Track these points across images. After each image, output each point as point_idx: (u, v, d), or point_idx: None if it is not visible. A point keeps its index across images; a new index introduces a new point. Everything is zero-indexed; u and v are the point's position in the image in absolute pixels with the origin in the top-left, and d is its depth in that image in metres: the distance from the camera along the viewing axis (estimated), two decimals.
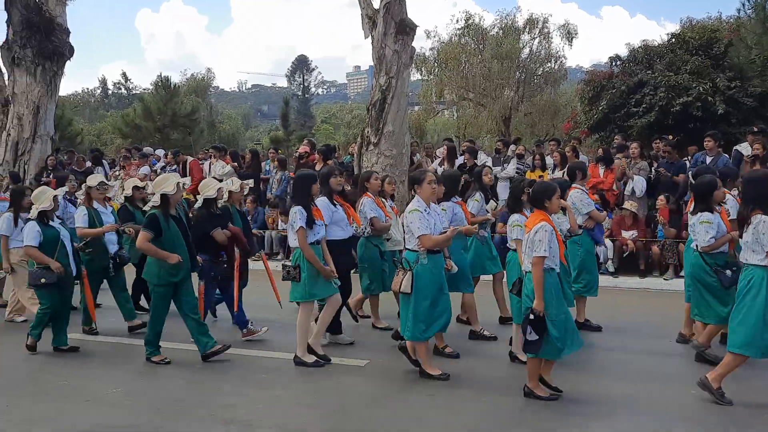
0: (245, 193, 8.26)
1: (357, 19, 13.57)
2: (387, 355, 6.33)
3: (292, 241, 5.97)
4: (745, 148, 10.76)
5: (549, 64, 29.11)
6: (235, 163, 14.16)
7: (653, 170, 11.28)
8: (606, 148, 13.13)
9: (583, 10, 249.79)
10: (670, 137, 12.17)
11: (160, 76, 32.20)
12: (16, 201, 7.69)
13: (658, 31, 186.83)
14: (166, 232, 5.96)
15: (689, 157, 11.56)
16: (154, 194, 6.36)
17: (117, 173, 15.42)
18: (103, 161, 16.40)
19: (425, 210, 5.53)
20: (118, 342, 7.11)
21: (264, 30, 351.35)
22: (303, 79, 74.84)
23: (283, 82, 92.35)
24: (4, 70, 16.64)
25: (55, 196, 6.71)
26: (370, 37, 13.30)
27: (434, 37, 29.92)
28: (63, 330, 6.73)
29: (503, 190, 12.15)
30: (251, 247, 7.77)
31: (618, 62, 18.86)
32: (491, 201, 7.75)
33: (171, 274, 5.99)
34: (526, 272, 5.01)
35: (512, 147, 13.37)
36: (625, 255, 10.66)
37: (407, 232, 5.65)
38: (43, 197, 6.59)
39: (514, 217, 5.97)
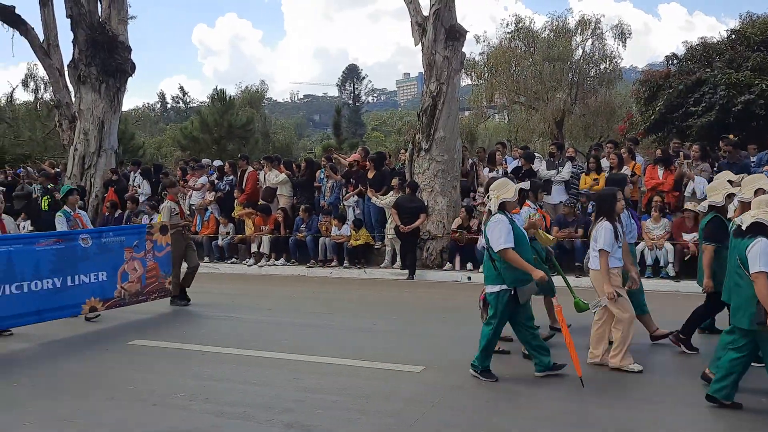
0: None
1: (407, 27, 13.66)
2: (443, 361, 6.35)
3: None
4: None
5: (603, 65, 28.57)
6: (289, 171, 14.45)
7: (714, 171, 10.96)
8: (665, 148, 12.82)
9: (639, 9, 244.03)
10: (731, 137, 11.78)
11: (216, 89, 33.25)
12: (610, 209, 5.93)
13: (717, 28, 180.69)
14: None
15: (750, 157, 11.17)
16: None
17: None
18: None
19: None
20: (180, 348, 7.31)
21: (315, 41, 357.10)
22: (354, 87, 75.72)
23: (334, 92, 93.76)
24: (71, 87, 17.47)
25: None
26: (420, 43, 13.35)
27: (484, 41, 29.90)
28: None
29: (558, 194, 12.02)
30: None
31: (675, 61, 18.38)
32: None
33: None
34: None
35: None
36: (686, 258, 10.35)
37: None
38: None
39: None
